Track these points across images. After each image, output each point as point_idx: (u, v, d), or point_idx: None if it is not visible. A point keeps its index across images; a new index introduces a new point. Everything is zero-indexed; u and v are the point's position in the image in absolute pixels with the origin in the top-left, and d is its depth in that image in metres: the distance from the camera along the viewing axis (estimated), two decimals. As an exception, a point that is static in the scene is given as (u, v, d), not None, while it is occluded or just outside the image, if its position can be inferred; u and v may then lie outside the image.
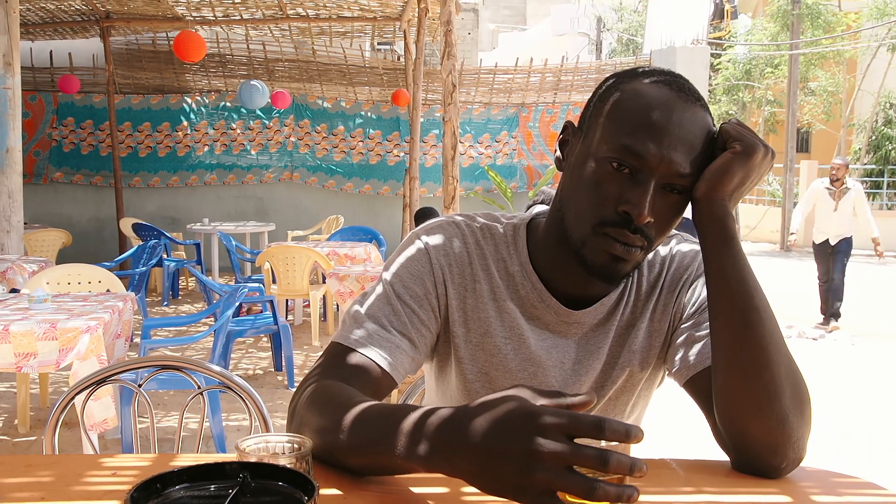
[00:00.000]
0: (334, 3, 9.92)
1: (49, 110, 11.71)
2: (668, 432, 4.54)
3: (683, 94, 1.18)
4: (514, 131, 12.61)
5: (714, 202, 1.15)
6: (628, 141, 1.15)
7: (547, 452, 0.80)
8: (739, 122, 1.19)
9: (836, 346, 7.66)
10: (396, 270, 1.32)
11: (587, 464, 0.80)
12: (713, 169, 1.14)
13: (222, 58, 11.85)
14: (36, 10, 10.13)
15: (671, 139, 1.14)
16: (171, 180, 12.02)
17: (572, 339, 1.35)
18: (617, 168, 1.16)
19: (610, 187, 1.16)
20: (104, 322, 3.56)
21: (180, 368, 1.69)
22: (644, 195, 1.14)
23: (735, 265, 1.15)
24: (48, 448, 1.56)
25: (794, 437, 1.11)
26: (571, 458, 0.79)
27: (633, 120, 1.16)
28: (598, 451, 0.80)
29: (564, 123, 1.30)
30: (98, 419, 3.47)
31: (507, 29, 37.21)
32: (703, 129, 1.17)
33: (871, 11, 19.30)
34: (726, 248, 1.16)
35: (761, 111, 22.58)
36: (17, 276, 5.10)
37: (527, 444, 0.80)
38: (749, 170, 1.15)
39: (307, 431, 1.08)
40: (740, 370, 1.13)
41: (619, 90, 1.21)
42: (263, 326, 5.59)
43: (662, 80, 1.20)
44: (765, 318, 1.13)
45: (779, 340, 1.14)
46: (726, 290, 1.15)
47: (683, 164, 1.14)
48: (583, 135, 1.25)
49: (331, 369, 1.21)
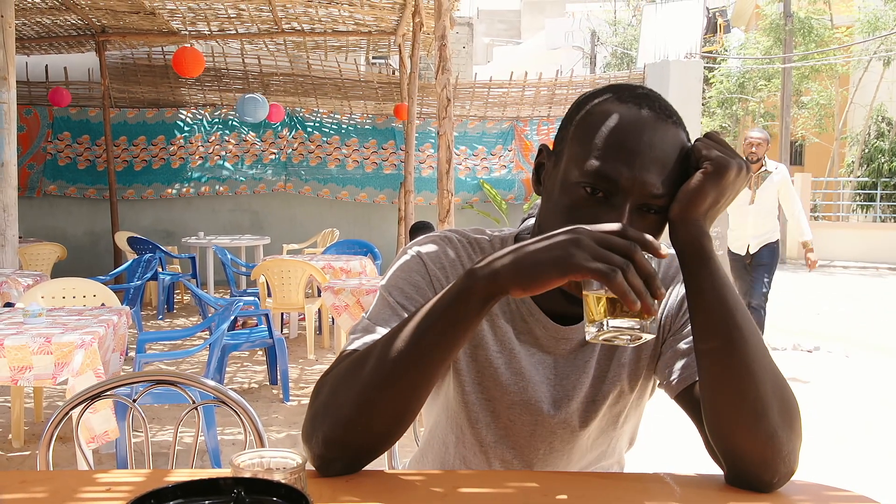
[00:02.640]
0: (329, 18, 9.95)
1: (44, 124, 11.70)
2: (662, 445, 4.54)
3: (654, 113, 1.17)
4: (510, 144, 12.63)
5: (689, 222, 1.14)
6: (599, 165, 1.14)
7: (585, 234, 0.99)
8: (713, 136, 1.18)
9: (830, 358, 7.67)
10: (395, 281, 1.32)
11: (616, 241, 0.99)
12: (686, 190, 1.13)
13: (217, 72, 11.86)
14: (32, 25, 10.14)
15: (643, 160, 1.13)
16: (165, 192, 12.01)
17: (560, 355, 1.36)
18: (590, 193, 1.16)
19: (585, 212, 1.16)
20: (99, 336, 3.56)
21: (175, 383, 1.69)
22: (620, 219, 1.13)
23: (713, 284, 1.14)
24: (42, 463, 1.56)
25: (784, 451, 1.11)
26: (603, 240, 0.98)
27: (602, 142, 1.16)
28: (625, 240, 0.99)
29: (540, 146, 1.30)
30: (99, 431, 3.46)
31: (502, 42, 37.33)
32: (676, 146, 1.16)
33: (863, 25, 19.41)
34: (704, 268, 1.15)
35: (755, 124, 22.65)
36: (11, 289, 5.09)
37: (569, 230, 1.01)
38: (722, 189, 1.14)
39: (345, 390, 1.12)
40: (725, 388, 1.13)
41: (585, 110, 1.21)
42: (259, 340, 5.58)
43: (631, 98, 1.19)
44: (747, 335, 1.13)
45: (763, 356, 1.14)
46: (706, 310, 1.14)
47: (657, 184, 1.14)
48: (556, 158, 1.25)
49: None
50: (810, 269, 6.75)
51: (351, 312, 5.41)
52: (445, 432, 1.43)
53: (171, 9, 9.48)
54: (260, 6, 9.30)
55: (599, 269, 0.94)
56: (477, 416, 1.37)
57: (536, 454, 1.38)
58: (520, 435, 1.37)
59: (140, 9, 9.33)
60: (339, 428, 1.10)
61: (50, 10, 9.43)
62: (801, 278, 14.18)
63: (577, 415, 1.36)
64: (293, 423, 5.03)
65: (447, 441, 1.43)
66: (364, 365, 1.11)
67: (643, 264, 0.96)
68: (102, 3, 9.17)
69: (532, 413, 1.35)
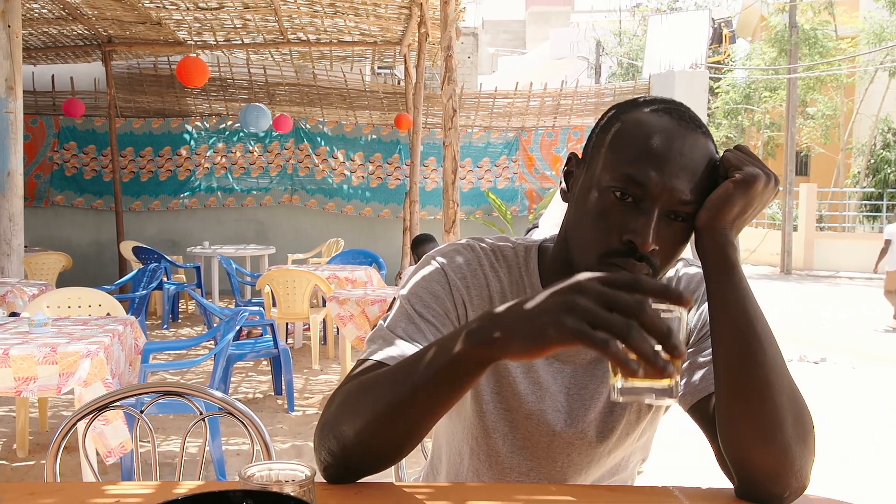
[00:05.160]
0: (335, 28, 9.99)
1: (50, 133, 11.75)
2: (671, 458, 4.52)
3: (684, 122, 1.19)
4: (515, 155, 12.65)
5: (715, 231, 1.15)
6: (630, 170, 1.16)
7: (590, 289, 0.86)
8: (743, 149, 1.19)
9: (837, 369, 7.64)
10: (416, 290, 1.32)
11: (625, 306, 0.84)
12: (714, 198, 1.14)
13: (223, 82, 11.91)
14: (38, 35, 10.20)
15: (673, 167, 1.15)
16: (172, 203, 12.05)
17: (580, 365, 1.36)
18: (620, 197, 1.17)
19: (614, 217, 1.17)
20: (105, 346, 3.56)
21: (183, 394, 1.69)
22: (648, 223, 1.14)
23: (737, 294, 1.15)
24: (50, 475, 1.56)
25: (796, 465, 1.11)
26: (609, 297, 0.85)
27: (634, 149, 1.17)
28: (634, 297, 0.84)
29: (568, 155, 1.32)
30: (114, 444, 3.45)
31: (507, 53, 37.43)
32: (705, 156, 1.18)
33: (868, 36, 19.43)
34: (728, 277, 1.15)
35: (760, 135, 22.68)
36: (17, 299, 5.09)
37: (570, 284, 0.87)
38: (750, 199, 1.14)
39: (350, 413, 1.11)
40: (742, 399, 1.13)
41: (619, 120, 1.23)
42: (263, 350, 5.58)
43: (663, 109, 1.21)
44: (767, 347, 1.13)
45: (781, 369, 1.14)
46: (728, 320, 1.15)
47: (686, 191, 1.15)
48: (586, 165, 1.26)
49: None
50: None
51: (356, 322, 5.41)
52: (460, 443, 1.43)
53: (178, 19, 9.52)
54: (266, 16, 9.34)
55: (592, 337, 0.83)
56: (494, 427, 1.37)
57: (554, 466, 1.38)
58: (537, 446, 1.37)
59: (146, 19, 9.37)
60: (343, 447, 1.11)
61: (57, 20, 9.48)
62: (806, 289, 14.16)
63: (593, 426, 1.36)
64: (298, 433, 5.03)
65: (462, 452, 1.43)
66: (366, 395, 1.11)
67: (653, 324, 0.83)
68: (109, 14, 9.22)
69: (548, 423, 1.35)
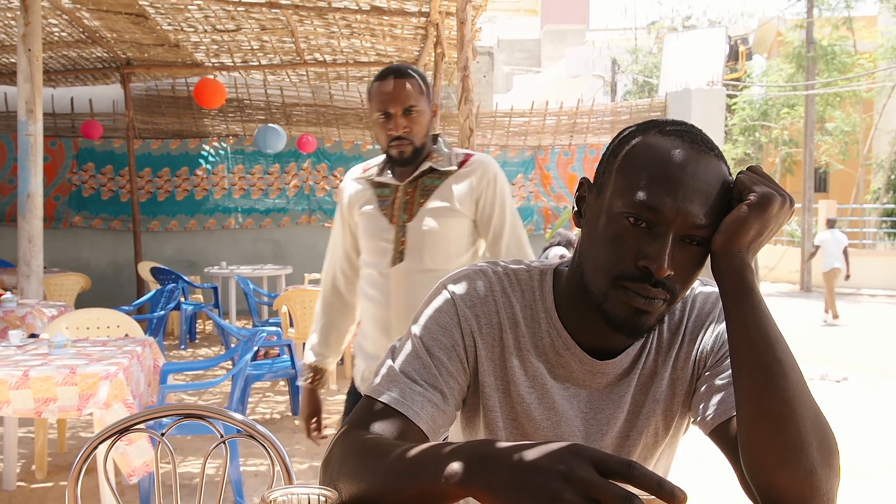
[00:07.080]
0: (351, 49, 10.04)
1: (69, 155, 11.86)
2: (693, 481, 4.47)
3: (696, 145, 1.17)
4: (531, 174, 12.65)
5: (731, 255, 1.14)
6: (643, 195, 1.14)
7: (578, 477, 0.83)
8: (756, 170, 1.17)
9: (860, 388, 7.56)
10: (425, 323, 1.32)
11: (612, 500, 0.81)
12: (729, 221, 1.13)
13: (240, 102, 11.99)
14: (58, 58, 10.32)
15: (686, 191, 1.13)
16: (189, 224, 12.11)
17: (595, 389, 1.34)
18: (634, 223, 1.16)
19: (628, 242, 1.16)
20: (124, 367, 3.55)
21: (203, 417, 1.67)
22: (663, 249, 1.13)
23: (755, 317, 1.13)
24: (71, 499, 1.55)
25: (822, 489, 1.08)
26: (598, 488, 0.82)
27: (646, 173, 1.16)
28: (625, 491, 0.81)
29: (580, 180, 1.30)
30: (138, 464, 3.46)
31: (522, 71, 37.50)
32: (719, 178, 1.16)
33: (887, 51, 19.36)
34: (746, 300, 1.14)
35: (778, 151, 22.62)
36: (36, 320, 5.11)
37: (561, 466, 0.85)
38: (766, 221, 1.13)
39: (346, 479, 1.10)
40: (764, 423, 1.11)
41: (631, 144, 1.21)
42: (281, 370, 5.57)
43: (674, 132, 1.19)
44: (787, 370, 1.11)
45: (803, 392, 1.12)
46: (747, 343, 1.13)
47: (700, 215, 1.13)
48: (598, 190, 1.25)
49: (364, 423, 1.21)
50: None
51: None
52: None
53: (195, 41, 9.61)
54: (283, 38, 9.40)
55: None
56: None
57: None
58: None
59: (164, 41, 9.46)
60: (345, 495, 1.09)
61: (76, 43, 9.59)
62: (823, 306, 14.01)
63: (610, 450, 1.33)
64: (315, 454, 5.01)
65: None
66: (364, 463, 1.10)
67: None
68: (128, 37, 9.32)
69: None
